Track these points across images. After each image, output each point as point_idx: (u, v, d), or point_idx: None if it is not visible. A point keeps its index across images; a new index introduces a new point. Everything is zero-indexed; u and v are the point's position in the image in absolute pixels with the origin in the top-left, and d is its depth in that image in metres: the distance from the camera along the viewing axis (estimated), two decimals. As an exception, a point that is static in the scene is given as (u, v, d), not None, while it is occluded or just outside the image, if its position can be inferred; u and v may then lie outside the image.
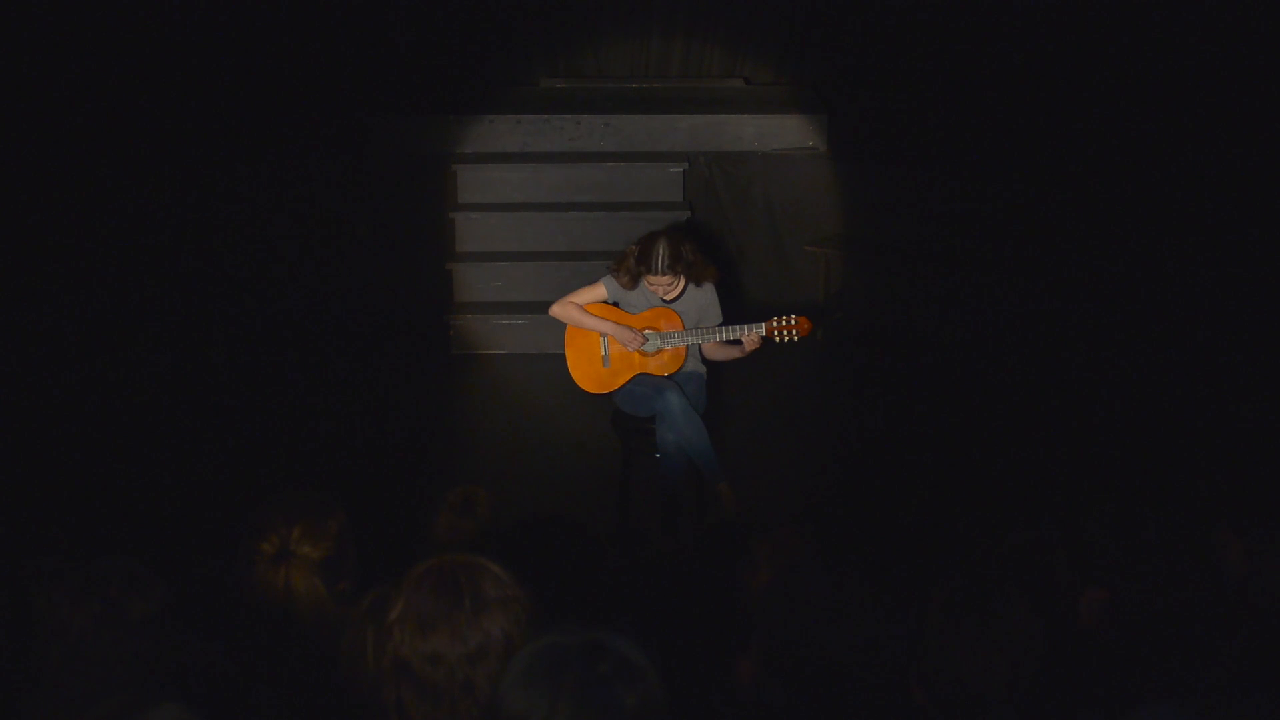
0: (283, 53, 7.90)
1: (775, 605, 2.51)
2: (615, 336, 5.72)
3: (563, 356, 5.88)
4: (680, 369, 5.73)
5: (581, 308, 5.77)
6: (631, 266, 5.63)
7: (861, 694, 2.43)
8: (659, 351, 5.73)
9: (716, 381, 6.08)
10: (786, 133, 8.07)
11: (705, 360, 5.87)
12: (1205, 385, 6.55)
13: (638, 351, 5.72)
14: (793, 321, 5.59)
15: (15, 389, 6.45)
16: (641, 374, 5.74)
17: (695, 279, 5.69)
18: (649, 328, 5.72)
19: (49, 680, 2.61)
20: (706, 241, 6.91)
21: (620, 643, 1.92)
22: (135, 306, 7.32)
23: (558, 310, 5.82)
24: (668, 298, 5.70)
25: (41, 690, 2.63)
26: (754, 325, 5.59)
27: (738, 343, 5.65)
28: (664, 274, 5.56)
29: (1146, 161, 7.32)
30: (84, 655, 2.58)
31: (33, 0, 7.02)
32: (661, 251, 5.54)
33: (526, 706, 1.90)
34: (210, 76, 7.69)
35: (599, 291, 5.77)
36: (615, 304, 5.80)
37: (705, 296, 5.75)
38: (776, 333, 5.59)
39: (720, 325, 5.70)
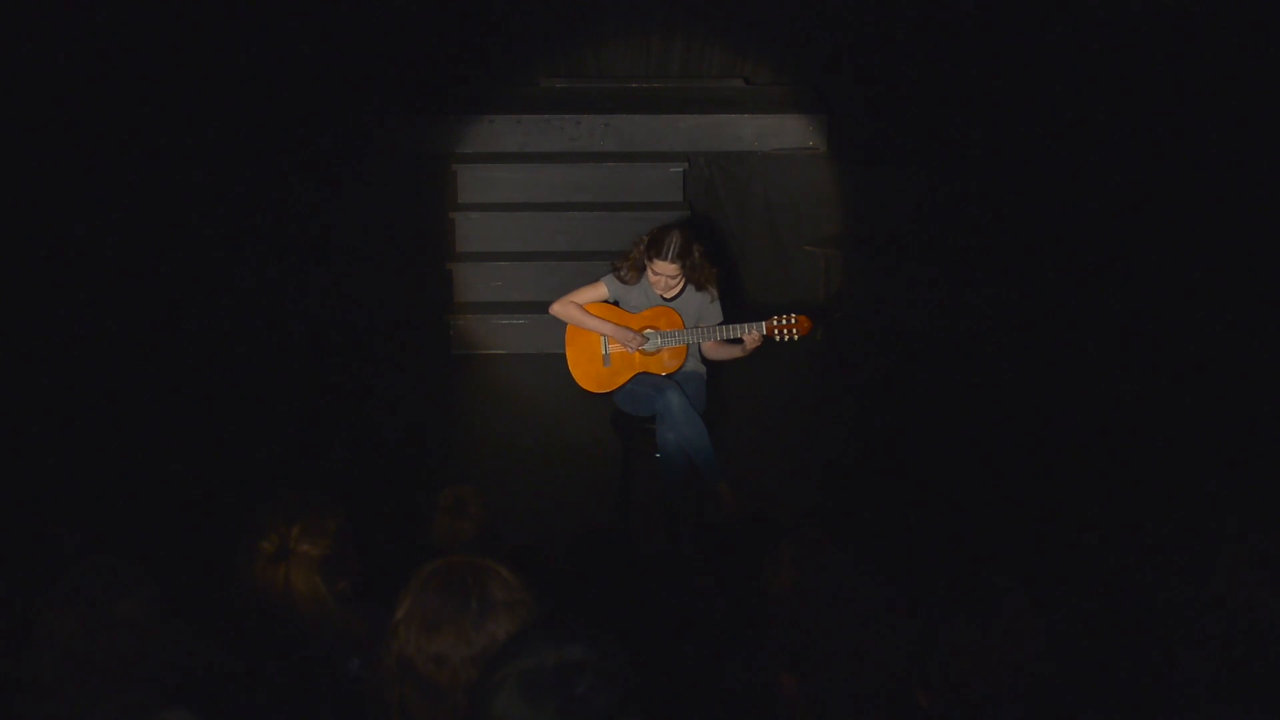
0: (282, 52, 7.88)
1: (799, 605, 2.50)
2: (615, 338, 5.72)
3: (563, 356, 5.88)
4: (680, 368, 5.73)
5: (581, 307, 5.76)
6: (639, 255, 5.64)
7: (873, 695, 2.43)
8: (659, 350, 5.73)
9: (716, 381, 6.08)
10: (786, 133, 8.06)
11: (705, 360, 5.86)
12: (1207, 386, 6.54)
13: (638, 351, 5.72)
14: (793, 321, 5.59)
15: (14, 389, 6.44)
16: (642, 373, 5.73)
17: (697, 282, 5.69)
18: (649, 327, 5.71)
19: (43, 684, 2.61)
20: (707, 242, 6.91)
21: (590, 652, 1.92)
22: (134, 306, 7.31)
23: (558, 309, 5.82)
24: (667, 295, 5.70)
25: (36, 694, 2.62)
26: (754, 324, 5.59)
27: (738, 341, 5.64)
28: (672, 262, 5.56)
29: (1148, 161, 7.31)
30: (75, 658, 2.58)
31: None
32: (674, 240, 5.56)
33: None
34: (210, 75, 7.68)
35: (600, 291, 5.77)
36: (616, 303, 5.80)
37: (706, 296, 5.75)
38: (777, 332, 5.59)
39: (721, 324, 5.69)
